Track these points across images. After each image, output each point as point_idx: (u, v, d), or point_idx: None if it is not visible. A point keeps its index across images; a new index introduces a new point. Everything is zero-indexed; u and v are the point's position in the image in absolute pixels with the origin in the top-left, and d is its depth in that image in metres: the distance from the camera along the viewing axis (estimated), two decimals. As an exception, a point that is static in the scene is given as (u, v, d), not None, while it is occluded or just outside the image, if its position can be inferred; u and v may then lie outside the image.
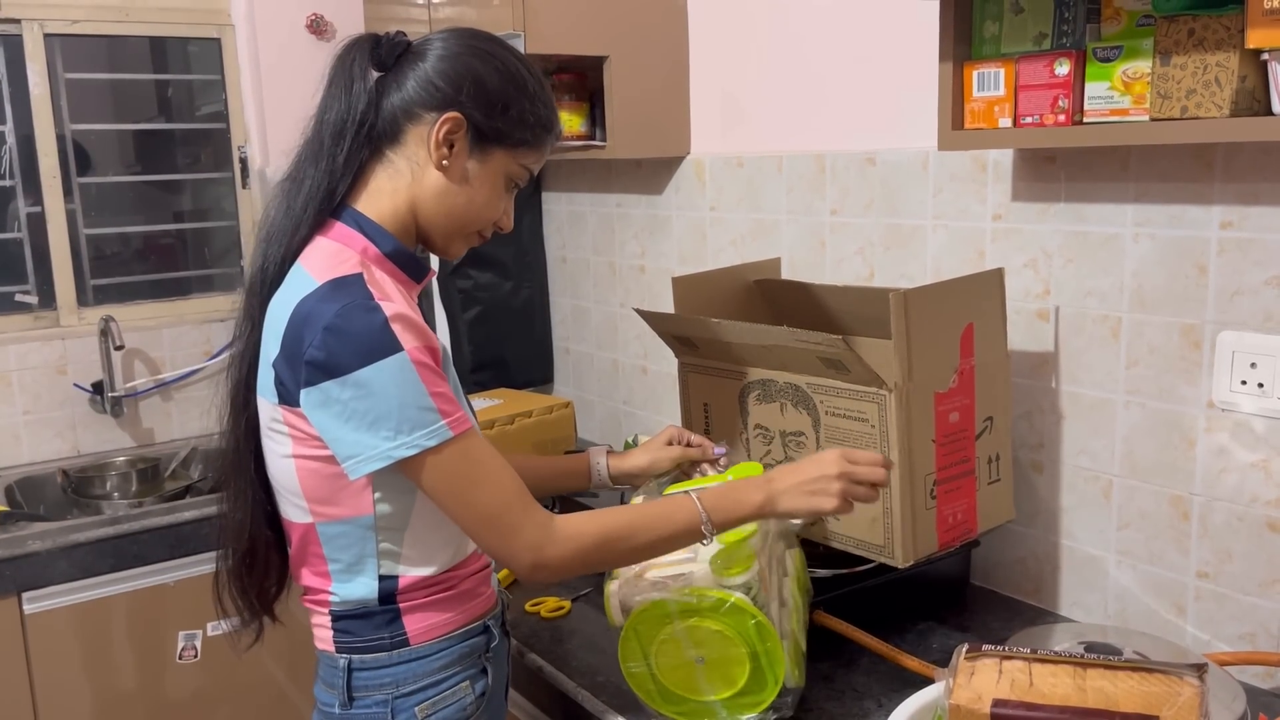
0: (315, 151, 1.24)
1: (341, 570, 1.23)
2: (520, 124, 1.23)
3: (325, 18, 2.88)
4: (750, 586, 1.25)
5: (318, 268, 1.17)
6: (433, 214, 1.24)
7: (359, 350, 1.09)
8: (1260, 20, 1.12)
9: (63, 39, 2.65)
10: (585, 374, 2.68)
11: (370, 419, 1.10)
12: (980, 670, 1.05)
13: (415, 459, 1.11)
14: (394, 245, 1.23)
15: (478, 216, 1.26)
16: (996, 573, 1.71)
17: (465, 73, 1.21)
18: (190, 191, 2.95)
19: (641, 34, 2.15)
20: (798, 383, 1.48)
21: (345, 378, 1.09)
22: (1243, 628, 1.41)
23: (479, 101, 1.21)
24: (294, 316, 1.13)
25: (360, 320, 1.10)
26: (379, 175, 1.24)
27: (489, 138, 1.22)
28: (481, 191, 1.24)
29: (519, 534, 1.14)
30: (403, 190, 1.23)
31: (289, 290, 1.17)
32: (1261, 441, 1.36)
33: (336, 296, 1.12)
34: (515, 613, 1.65)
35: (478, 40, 1.25)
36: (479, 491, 1.14)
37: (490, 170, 1.24)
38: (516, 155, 1.25)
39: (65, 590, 2.14)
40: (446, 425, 1.12)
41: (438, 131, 1.20)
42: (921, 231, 1.76)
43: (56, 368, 2.64)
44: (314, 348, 1.10)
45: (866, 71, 1.83)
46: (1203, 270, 1.40)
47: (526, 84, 1.24)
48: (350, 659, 1.24)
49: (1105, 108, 1.32)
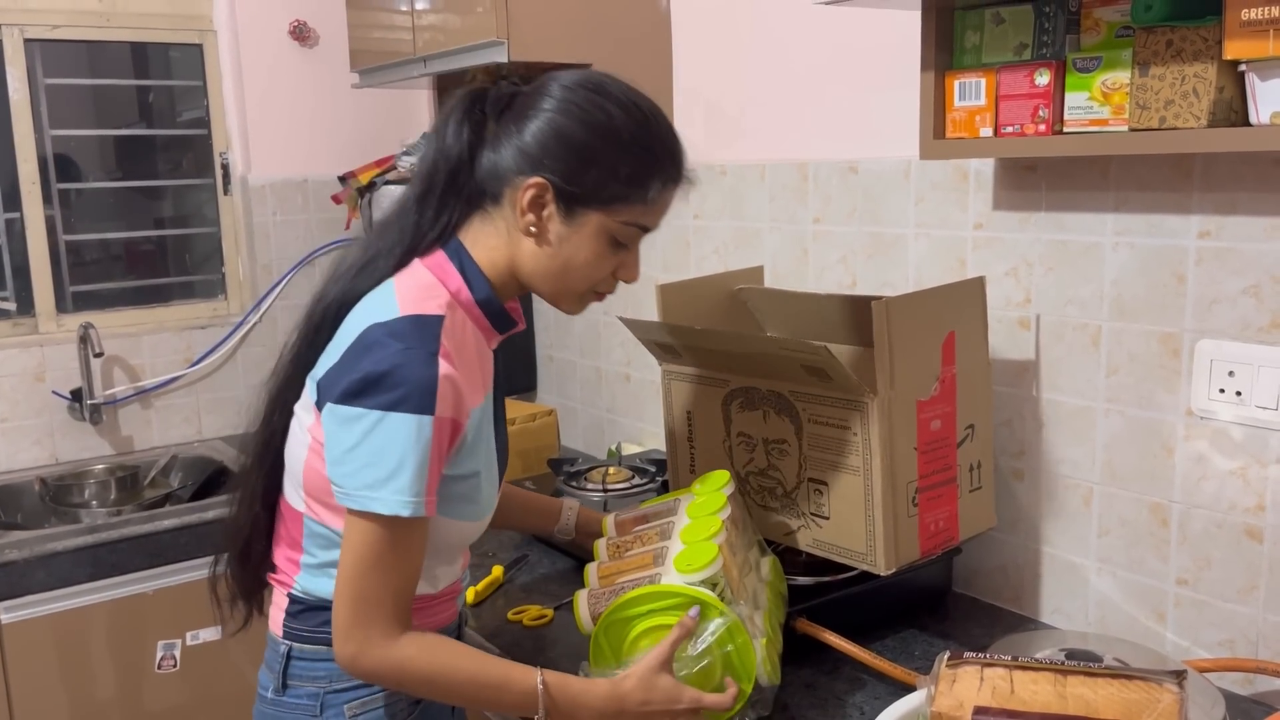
0: (412, 196, 1.23)
1: (312, 565, 1.24)
2: (610, 181, 1.17)
3: (308, 24, 2.87)
4: (715, 582, 1.25)
5: (406, 295, 1.17)
6: (531, 276, 1.22)
7: (400, 395, 1.09)
8: (1237, 32, 1.13)
9: (43, 44, 2.64)
10: (568, 381, 2.68)
11: (367, 461, 1.10)
12: (962, 678, 1.06)
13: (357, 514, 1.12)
14: (486, 294, 1.22)
15: (581, 278, 1.22)
16: (978, 580, 1.72)
17: (551, 131, 1.16)
18: (171, 198, 2.94)
19: (624, 43, 2.15)
20: (780, 390, 1.48)
21: (370, 414, 1.09)
22: (1222, 634, 1.42)
23: (563, 162, 1.16)
24: (364, 336, 1.14)
25: (416, 369, 1.10)
26: (484, 229, 1.22)
27: (577, 200, 1.17)
28: (579, 255, 1.20)
29: (370, 625, 1.13)
30: (503, 247, 1.22)
31: (369, 307, 1.18)
32: (1239, 449, 1.37)
33: (408, 336, 1.12)
34: (497, 621, 1.64)
35: (579, 90, 1.18)
36: (377, 574, 1.13)
37: (585, 233, 1.19)
38: (613, 214, 1.19)
39: (43, 600, 2.12)
40: (423, 503, 1.11)
41: (521, 199, 1.17)
42: (903, 240, 1.77)
43: (35, 375, 2.62)
44: (362, 373, 1.10)
45: (849, 80, 1.84)
46: (1181, 279, 1.41)
47: (619, 135, 1.17)
48: (291, 646, 1.25)
49: (1085, 118, 1.33)
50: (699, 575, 1.24)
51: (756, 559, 1.43)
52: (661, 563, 1.30)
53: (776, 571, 1.46)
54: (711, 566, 1.25)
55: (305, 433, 1.21)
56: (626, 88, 1.21)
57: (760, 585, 1.39)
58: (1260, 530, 1.36)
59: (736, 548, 1.36)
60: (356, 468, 1.11)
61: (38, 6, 2.60)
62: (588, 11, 2.11)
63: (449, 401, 1.12)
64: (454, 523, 1.22)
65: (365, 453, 1.10)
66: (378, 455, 1.10)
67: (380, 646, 1.14)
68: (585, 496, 1.94)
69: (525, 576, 1.82)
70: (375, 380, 1.09)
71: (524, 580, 1.80)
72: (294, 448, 1.23)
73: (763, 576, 1.41)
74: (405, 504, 1.10)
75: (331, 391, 1.13)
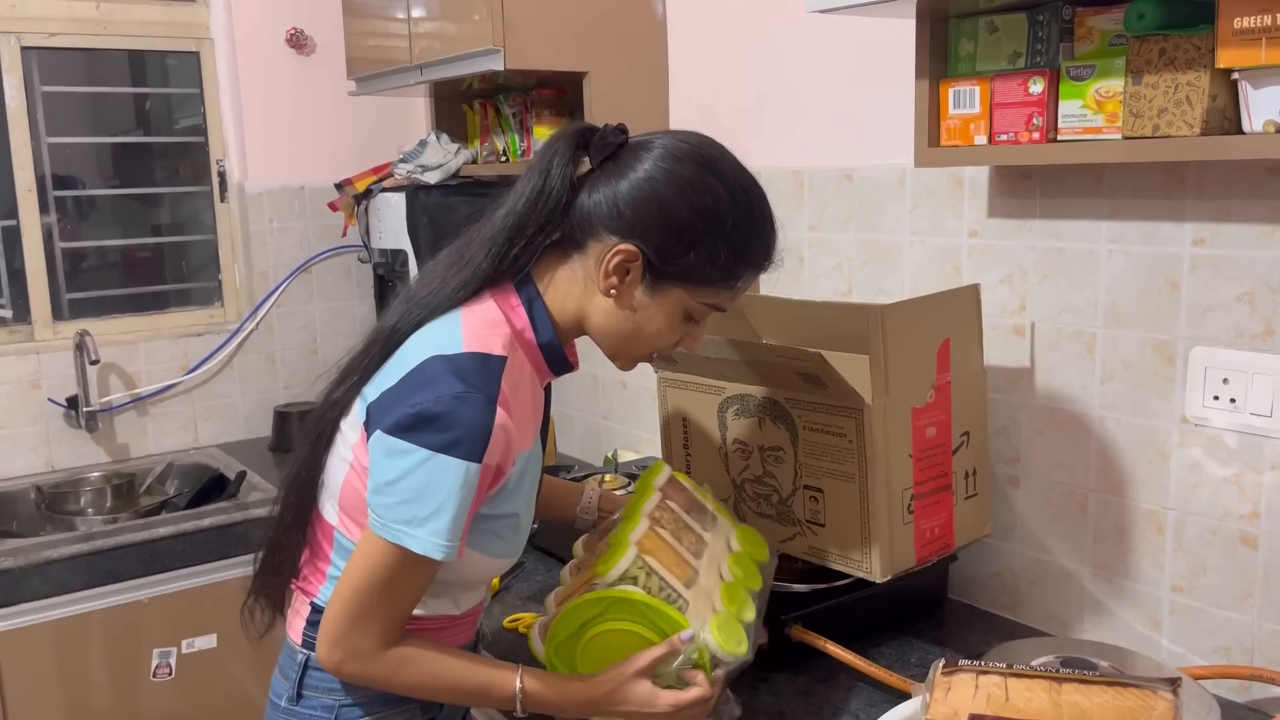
0: (505, 229, 1.19)
1: (338, 577, 1.22)
2: (704, 265, 1.15)
3: (305, 32, 2.88)
4: (633, 575, 1.22)
5: (471, 329, 1.15)
6: (598, 331, 1.21)
7: (453, 438, 1.08)
8: (1230, 40, 1.14)
9: (40, 52, 2.64)
10: (565, 388, 2.68)
11: (409, 497, 1.09)
12: (957, 685, 1.06)
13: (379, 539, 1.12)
14: (550, 339, 1.21)
15: (647, 344, 1.21)
16: (973, 587, 1.72)
17: (653, 202, 1.13)
18: (168, 205, 2.94)
19: (621, 50, 2.16)
20: (776, 398, 1.49)
21: (419, 451, 1.08)
22: (1217, 641, 1.42)
23: (660, 236, 1.13)
24: (425, 366, 1.12)
25: (475, 414, 1.08)
26: (562, 271, 1.20)
27: (665, 275, 1.15)
28: (653, 323, 1.19)
29: (363, 635, 1.14)
30: (576, 296, 1.20)
31: (433, 336, 1.16)
32: (1234, 456, 1.38)
33: (469, 375, 1.10)
34: (492, 629, 1.64)
35: (689, 164, 1.15)
36: (382, 596, 1.13)
37: (664, 306, 1.18)
38: (697, 294, 1.17)
39: (38, 608, 2.11)
40: (457, 548, 1.11)
41: (609, 261, 1.14)
42: (899, 247, 1.77)
43: (31, 382, 2.62)
44: (419, 407, 1.09)
45: (844, 88, 1.84)
46: (1175, 286, 1.41)
47: (724, 223, 1.14)
48: (309, 655, 1.24)
49: (1079, 125, 1.33)
50: (613, 574, 1.22)
51: (724, 532, 1.41)
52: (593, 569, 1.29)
53: (750, 540, 1.42)
54: (621, 563, 1.22)
55: (349, 449, 1.20)
56: (738, 168, 1.18)
57: (723, 558, 1.36)
58: (1255, 537, 1.37)
59: (679, 531, 1.33)
60: (397, 501, 1.10)
61: (35, 14, 2.60)
62: (584, 19, 2.11)
63: (499, 450, 1.11)
64: (485, 558, 1.21)
65: (408, 488, 1.09)
66: (420, 494, 1.09)
67: (367, 658, 1.15)
68: (581, 504, 1.94)
69: (521, 584, 1.82)
70: (431, 419, 1.08)
71: (520, 588, 1.80)
72: (335, 462, 1.22)
73: (731, 547, 1.38)
74: (440, 548, 1.10)
75: (384, 419, 1.12)
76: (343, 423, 1.22)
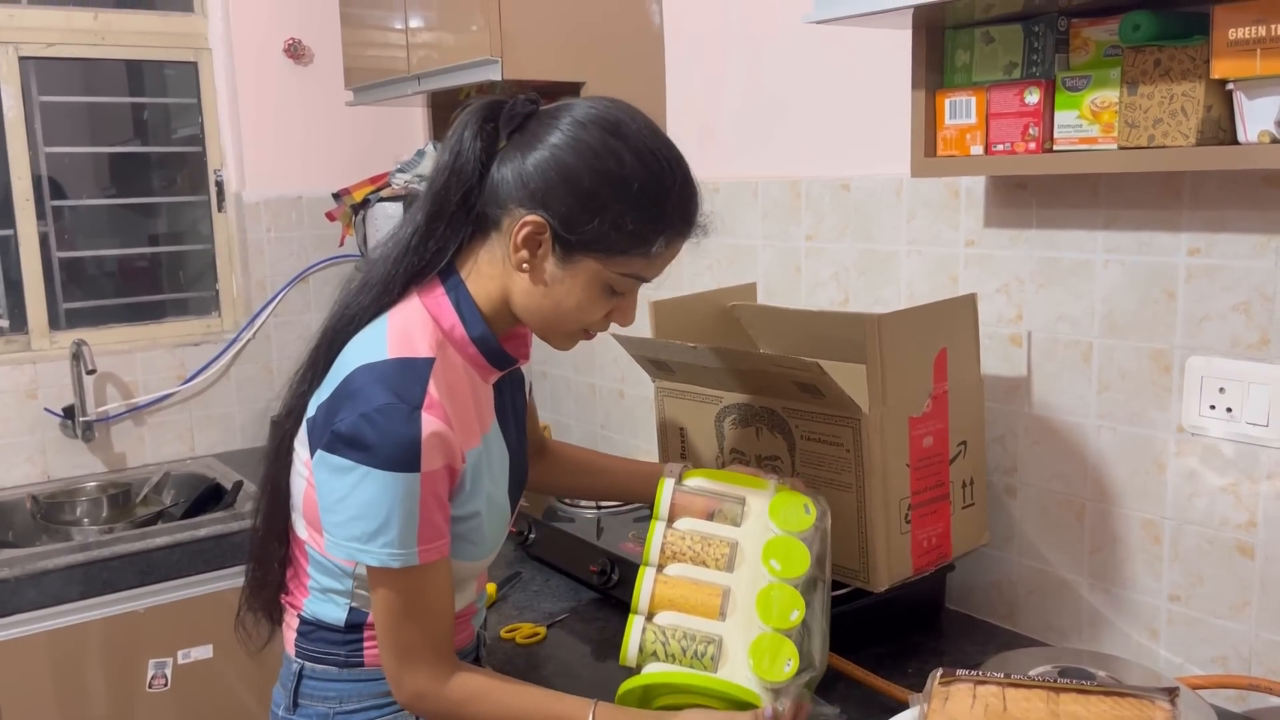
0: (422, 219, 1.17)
1: (317, 590, 1.24)
2: (612, 232, 1.10)
3: (303, 42, 2.88)
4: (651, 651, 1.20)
5: (396, 333, 1.13)
6: (521, 311, 1.18)
7: (381, 453, 1.07)
8: (1225, 51, 1.14)
9: (38, 62, 2.64)
10: (562, 398, 2.68)
11: (355, 514, 1.09)
12: (955, 695, 1.06)
13: (374, 568, 1.12)
14: (482, 332, 1.18)
15: (570, 320, 1.17)
16: (971, 597, 1.72)
17: (557, 170, 1.10)
18: (165, 215, 2.94)
19: (618, 61, 2.16)
20: (773, 407, 1.49)
21: (358, 469, 1.08)
22: (1214, 651, 1.42)
23: (565, 205, 1.10)
24: (351, 379, 1.11)
25: (397, 427, 1.07)
26: (483, 254, 1.17)
27: (575, 245, 1.11)
28: (571, 298, 1.15)
29: (417, 672, 1.15)
30: (498, 277, 1.17)
31: (362, 344, 1.14)
32: (1230, 465, 1.38)
33: (391, 385, 1.08)
34: (490, 639, 1.64)
35: (592, 129, 1.11)
36: (409, 622, 1.14)
37: (579, 279, 1.14)
38: (610, 264, 1.13)
39: (34, 618, 2.11)
40: (417, 553, 1.10)
41: (516, 234, 1.11)
42: (895, 257, 1.77)
43: (27, 392, 2.62)
44: (346, 425, 1.08)
45: (841, 99, 1.85)
46: (1171, 296, 1.41)
47: (629, 187, 1.10)
48: (303, 665, 1.25)
49: (1074, 136, 1.34)
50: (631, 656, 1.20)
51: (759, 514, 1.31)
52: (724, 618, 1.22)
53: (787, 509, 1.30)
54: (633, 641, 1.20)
55: (303, 465, 1.19)
56: (646, 131, 1.13)
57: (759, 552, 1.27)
58: (1252, 547, 1.37)
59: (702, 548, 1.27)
60: (344, 519, 1.10)
61: (33, 24, 2.61)
62: (582, 30, 2.12)
63: (437, 454, 1.09)
64: (455, 562, 1.20)
65: (353, 505, 1.09)
66: (364, 510, 1.08)
67: (434, 692, 1.15)
68: (579, 513, 1.94)
69: (518, 594, 1.81)
70: (357, 435, 1.07)
71: (517, 598, 1.80)
72: (294, 478, 1.22)
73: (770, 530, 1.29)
74: (394, 556, 1.09)
75: (320, 437, 1.12)
76: (295, 440, 1.21)
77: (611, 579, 1.71)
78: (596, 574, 1.73)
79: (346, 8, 2.63)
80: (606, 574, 1.71)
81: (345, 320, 1.18)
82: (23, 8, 2.60)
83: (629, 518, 1.90)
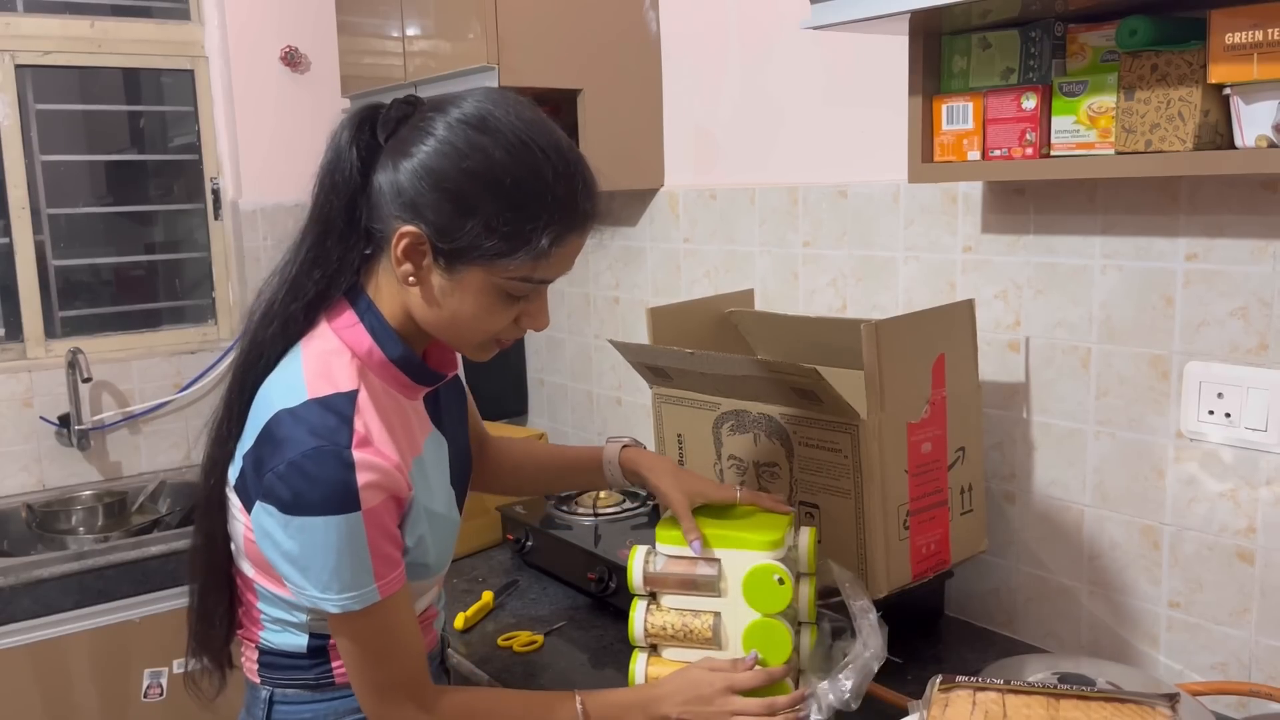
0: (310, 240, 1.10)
1: (270, 623, 1.20)
2: (489, 236, 1.02)
3: (299, 50, 2.89)
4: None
5: (312, 370, 1.07)
6: (424, 324, 1.11)
7: (318, 500, 1.02)
8: (1222, 56, 1.14)
9: (34, 70, 2.64)
10: (560, 405, 2.67)
11: (304, 564, 1.05)
12: (954, 702, 1.05)
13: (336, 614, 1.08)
14: (400, 351, 1.12)
15: (472, 331, 1.10)
16: (970, 603, 1.71)
17: (425, 175, 1.03)
18: (162, 223, 2.94)
19: (615, 68, 2.16)
20: (771, 413, 1.48)
21: (296, 519, 1.03)
22: (1214, 657, 1.42)
23: (436, 212, 1.03)
24: (271, 424, 1.05)
25: (330, 471, 1.02)
26: (383, 270, 1.10)
27: (455, 255, 1.04)
28: (464, 308, 1.07)
29: (401, 707, 1.12)
30: (398, 294, 1.10)
31: (278, 385, 1.08)
32: (1230, 471, 1.37)
33: (315, 428, 1.03)
34: (487, 647, 1.63)
35: (459, 127, 1.04)
36: (384, 661, 1.11)
37: (470, 289, 1.06)
38: (496, 269, 1.04)
39: (28, 627, 2.10)
40: (377, 589, 1.06)
41: (395, 248, 1.04)
42: (893, 263, 1.77)
43: (22, 400, 2.61)
44: (276, 475, 1.03)
45: (838, 105, 1.85)
46: (1169, 301, 1.41)
47: (500, 184, 1.02)
48: (273, 691, 1.22)
49: (1071, 141, 1.34)
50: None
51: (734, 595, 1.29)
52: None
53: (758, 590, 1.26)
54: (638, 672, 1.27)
55: (239, 512, 1.13)
56: (520, 122, 1.04)
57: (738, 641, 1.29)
58: (1251, 553, 1.36)
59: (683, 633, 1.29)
60: (297, 570, 1.06)
61: (29, 33, 2.61)
62: (578, 37, 2.12)
63: (376, 488, 1.04)
64: (412, 582, 1.17)
65: (300, 556, 1.05)
66: (312, 558, 1.04)
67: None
68: (577, 521, 1.93)
69: (515, 602, 1.81)
70: (291, 485, 1.02)
71: (514, 606, 1.79)
72: (233, 524, 1.17)
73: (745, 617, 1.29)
74: (354, 599, 1.06)
75: (253, 489, 1.07)
76: (227, 489, 1.15)
77: (609, 587, 1.70)
78: (594, 582, 1.72)
79: (343, 15, 2.63)
80: (604, 582, 1.71)
81: (254, 358, 1.12)
82: (19, 15, 2.60)
83: (626, 525, 1.90)
